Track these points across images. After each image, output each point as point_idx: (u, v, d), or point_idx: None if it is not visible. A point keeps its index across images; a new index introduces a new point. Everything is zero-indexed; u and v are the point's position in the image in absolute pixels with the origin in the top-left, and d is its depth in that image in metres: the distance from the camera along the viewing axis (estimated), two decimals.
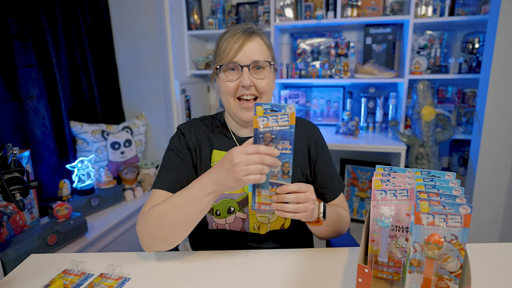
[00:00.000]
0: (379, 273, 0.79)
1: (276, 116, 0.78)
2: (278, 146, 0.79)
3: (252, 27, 0.97)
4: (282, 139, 0.79)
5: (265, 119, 0.79)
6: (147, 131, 2.42)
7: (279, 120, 0.78)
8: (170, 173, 0.99)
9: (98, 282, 0.85)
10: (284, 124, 0.79)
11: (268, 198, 0.83)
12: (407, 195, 0.74)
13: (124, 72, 2.38)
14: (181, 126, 1.07)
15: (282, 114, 0.78)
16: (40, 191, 1.88)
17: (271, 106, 0.79)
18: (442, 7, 2.25)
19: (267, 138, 0.79)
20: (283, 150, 0.80)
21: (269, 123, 0.79)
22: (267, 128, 0.79)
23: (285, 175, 0.82)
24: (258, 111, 0.79)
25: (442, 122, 2.29)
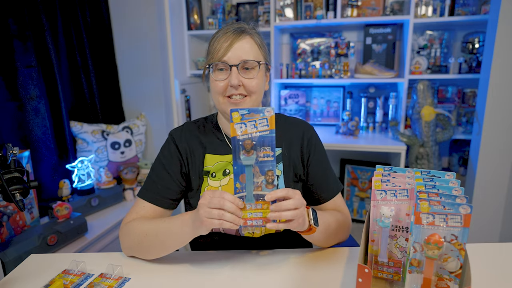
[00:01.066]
0: (379, 273, 0.79)
1: (254, 121, 0.74)
2: (259, 153, 0.75)
3: (243, 27, 0.97)
4: (263, 145, 0.75)
5: (242, 125, 0.74)
6: (147, 131, 2.42)
7: (258, 125, 0.74)
8: (154, 185, 1.01)
9: (98, 282, 0.85)
10: (263, 130, 0.75)
11: (254, 212, 0.77)
12: (407, 195, 0.74)
13: (124, 72, 2.38)
14: (172, 132, 1.07)
15: (260, 119, 0.74)
16: (40, 191, 1.89)
17: (248, 110, 0.74)
18: (442, 7, 2.25)
19: (247, 145, 0.75)
20: (265, 158, 0.76)
21: (248, 129, 0.75)
22: (246, 135, 0.75)
23: (269, 184, 0.77)
24: (235, 117, 0.74)
25: (442, 122, 2.29)
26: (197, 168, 1.01)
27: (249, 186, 0.77)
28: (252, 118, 0.74)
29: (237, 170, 0.77)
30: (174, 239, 0.88)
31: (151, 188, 1.00)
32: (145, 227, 0.92)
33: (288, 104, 2.77)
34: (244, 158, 0.76)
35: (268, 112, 0.74)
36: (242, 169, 0.76)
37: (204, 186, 1.00)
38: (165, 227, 0.90)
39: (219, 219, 0.75)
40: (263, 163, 0.76)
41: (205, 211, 0.76)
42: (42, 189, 1.91)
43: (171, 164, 1.01)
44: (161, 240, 0.89)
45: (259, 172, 0.77)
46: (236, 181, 0.78)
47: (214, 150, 1.02)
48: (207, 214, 0.75)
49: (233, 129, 0.75)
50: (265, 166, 0.76)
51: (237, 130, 0.75)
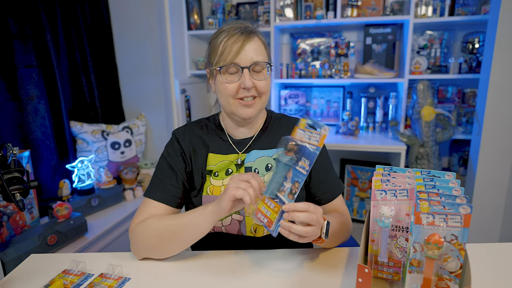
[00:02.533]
0: (379, 273, 0.79)
1: (311, 133, 0.78)
2: (299, 163, 0.78)
3: (249, 27, 0.96)
4: (304, 157, 0.77)
5: (302, 132, 0.79)
6: (147, 131, 2.42)
7: (311, 138, 0.78)
8: (162, 183, 1.00)
9: (98, 282, 0.85)
10: (313, 144, 0.77)
11: (267, 209, 0.80)
12: (407, 195, 0.74)
13: (124, 72, 2.38)
14: (175, 131, 1.07)
15: (316, 134, 0.77)
16: (40, 191, 1.89)
17: (312, 122, 0.79)
18: (442, 7, 2.25)
19: (291, 146, 0.79)
20: (301, 169, 0.77)
21: (303, 137, 0.79)
22: (299, 141, 0.79)
23: (291, 195, 0.78)
24: (301, 123, 0.80)
25: (442, 122, 2.29)
26: (200, 167, 1.01)
27: (277, 184, 0.80)
28: (310, 130, 0.79)
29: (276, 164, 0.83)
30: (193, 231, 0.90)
31: (159, 187, 0.99)
32: (166, 221, 0.92)
33: (288, 104, 2.77)
34: (281, 154, 0.81)
35: (324, 130, 0.76)
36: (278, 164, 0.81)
37: (206, 186, 1.00)
38: (186, 215, 0.91)
39: (244, 189, 0.78)
40: (298, 172, 0.78)
41: (234, 180, 0.81)
42: (42, 189, 1.91)
43: (176, 162, 1.01)
44: (181, 234, 0.90)
45: (290, 178, 0.79)
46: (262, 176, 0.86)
47: (217, 149, 1.03)
48: (236, 183, 0.80)
49: (295, 131, 0.81)
50: (297, 176, 0.78)
51: (297, 134, 0.80)
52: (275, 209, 0.78)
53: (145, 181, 2.28)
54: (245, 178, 0.80)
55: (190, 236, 0.91)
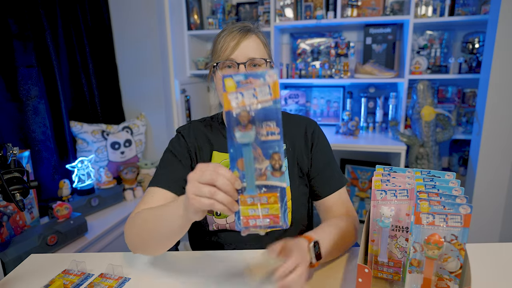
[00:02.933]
0: (379, 273, 0.79)
1: (253, 89, 0.59)
2: (261, 130, 0.59)
3: (249, 26, 0.97)
4: (266, 120, 0.59)
5: (238, 95, 0.59)
6: (147, 131, 2.42)
7: (258, 94, 0.59)
8: (167, 172, 0.98)
9: (98, 282, 0.85)
10: (265, 99, 0.59)
11: (258, 209, 0.61)
12: (407, 195, 0.74)
13: (124, 72, 2.38)
14: (180, 128, 1.07)
15: (261, 86, 0.59)
16: (40, 191, 1.89)
17: (245, 76, 0.59)
18: (442, 7, 2.25)
19: (243, 118, 0.59)
20: (269, 136, 0.59)
21: (245, 100, 0.59)
22: (243, 107, 0.59)
23: (276, 171, 0.60)
24: (228, 86, 0.59)
25: (442, 122, 2.29)
26: None
27: (250, 173, 0.60)
28: (250, 86, 0.59)
29: (234, 154, 0.60)
30: (169, 222, 0.76)
31: (163, 175, 0.97)
32: (146, 214, 0.84)
33: (288, 104, 2.77)
34: (240, 135, 0.59)
35: (270, 77, 0.58)
36: (240, 152, 0.60)
37: None
38: (162, 210, 0.81)
39: (209, 197, 0.60)
40: (267, 143, 0.59)
41: (193, 186, 0.62)
42: (42, 189, 1.91)
43: (182, 155, 1.00)
44: (158, 224, 0.80)
45: (262, 155, 0.60)
46: (233, 168, 0.61)
47: (221, 148, 1.03)
48: (196, 190, 0.61)
49: (226, 100, 0.59)
50: (269, 147, 0.60)
51: (231, 101, 0.59)
52: (271, 199, 0.61)
53: (145, 181, 2.28)
54: (207, 178, 0.61)
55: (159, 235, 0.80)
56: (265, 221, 0.61)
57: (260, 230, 0.63)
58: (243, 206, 0.61)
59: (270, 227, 0.62)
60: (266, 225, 0.61)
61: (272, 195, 0.60)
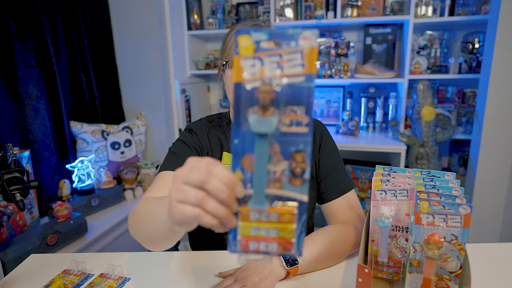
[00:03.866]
0: (379, 273, 0.79)
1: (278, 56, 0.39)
2: (283, 117, 0.40)
3: (260, 23, 0.96)
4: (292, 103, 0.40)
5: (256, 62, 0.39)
6: (147, 131, 2.42)
7: (284, 64, 0.39)
8: (178, 157, 0.94)
9: (98, 282, 0.85)
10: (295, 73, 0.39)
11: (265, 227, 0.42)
12: (407, 195, 0.74)
13: (124, 72, 2.38)
14: (191, 125, 1.05)
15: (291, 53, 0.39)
16: (40, 191, 1.89)
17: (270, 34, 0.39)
18: (442, 7, 2.25)
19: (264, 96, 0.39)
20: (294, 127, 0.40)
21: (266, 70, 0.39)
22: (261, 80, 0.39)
23: (296, 178, 0.41)
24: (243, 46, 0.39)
25: (442, 122, 2.29)
26: None
27: (261, 177, 0.41)
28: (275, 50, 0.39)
29: (239, 146, 0.41)
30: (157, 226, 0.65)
31: (174, 160, 0.93)
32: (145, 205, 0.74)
33: None
34: (255, 119, 0.40)
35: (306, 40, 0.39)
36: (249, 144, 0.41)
37: None
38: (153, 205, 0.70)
39: (197, 205, 0.42)
40: (290, 137, 0.40)
41: (177, 188, 0.43)
42: (42, 189, 1.91)
43: (194, 148, 0.98)
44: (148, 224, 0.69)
45: (279, 153, 0.41)
46: (236, 167, 0.42)
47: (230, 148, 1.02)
48: (179, 194, 0.43)
49: (237, 68, 0.40)
50: (291, 142, 0.40)
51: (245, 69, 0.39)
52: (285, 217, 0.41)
53: (145, 181, 2.28)
54: (196, 179, 0.42)
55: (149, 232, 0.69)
56: (272, 246, 0.42)
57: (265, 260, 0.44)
58: (243, 222, 0.42)
59: (279, 255, 0.44)
60: (273, 251, 0.42)
61: (287, 212, 0.41)
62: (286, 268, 0.80)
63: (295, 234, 0.42)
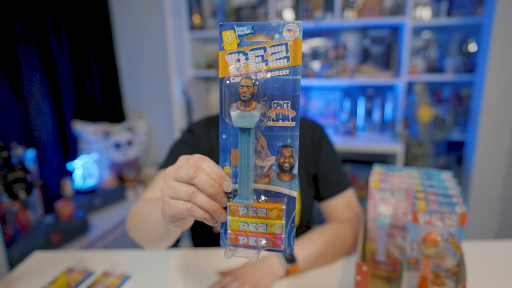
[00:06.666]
0: (377, 271, 0.80)
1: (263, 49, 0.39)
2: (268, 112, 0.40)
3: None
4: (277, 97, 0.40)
5: (241, 56, 0.40)
6: (149, 131, 2.42)
7: (269, 57, 0.39)
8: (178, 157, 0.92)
9: (100, 280, 0.87)
10: (280, 66, 0.39)
11: (253, 222, 0.43)
12: (404, 194, 0.75)
13: (126, 73, 2.39)
14: (192, 125, 1.05)
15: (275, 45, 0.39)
16: (43, 190, 1.89)
17: (253, 27, 0.39)
18: (438, 9, 2.28)
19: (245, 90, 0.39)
20: (280, 122, 0.40)
21: (250, 64, 0.40)
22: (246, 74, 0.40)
23: (285, 173, 0.41)
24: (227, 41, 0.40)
25: (439, 123, 2.31)
26: None
27: (246, 172, 0.41)
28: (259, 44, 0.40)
29: (227, 142, 0.43)
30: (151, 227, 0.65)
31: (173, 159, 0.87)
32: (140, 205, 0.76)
33: None
34: (237, 114, 0.40)
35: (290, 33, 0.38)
36: (235, 140, 0.42)
37: None
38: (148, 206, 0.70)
39: (187, 200, 0.43)
40: (276, 131, 0.41)
41: (168, 185, 0.45)
42: (45, 188, 1.91)
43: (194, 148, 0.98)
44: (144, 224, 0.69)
45: (266, 148, 0.42)
46: (224, 162, 0.43)
47: None
48: (170, 191, 0.45)
49: (222, 62, 0.40)
50: (279, 137, 0.41)
51: (230, 64, 0.40)
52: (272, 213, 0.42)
53: (146, 181, 2.29)
54: (184, 174, 0.43)
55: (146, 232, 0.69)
56: (260, 241, 0.43)
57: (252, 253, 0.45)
58: (232, 217, 0.43)
59: (267, 250, 0.44)
60: (262, 246, 0.43)
61: (275, 207, 0.42)
62: (285, 266, 0.82)
63: (284, 230, 0.42)
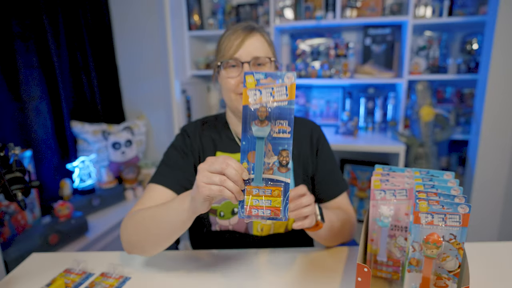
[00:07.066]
0: (378, 272, 0.80)
1: (271, 88, 0.63)
2: (274, 127, 0.63)
3: (253, 25, 0.98)
4: (279, 119, 0.63)
5: (257, 92, 0.63)
6: (148, 131, 2.42)
7: (275, 93, 0.63)
8: (170, 170, 0.98)
9: (99, 281, 0.86)
10: (281, 99, 0.63)
11: (262, 199, 0.64)
12: (406, 194, 0.74)
13: (125, 72, 2.39)
14: (186, 127, 1.07)
15: (279, 86, 0.63)
16: (41, 191, 1.89)
17: (265, 75, 0.63)
18: (440, 8, 2.26)
19: (262, 113, 0.63)
20: (280, 134, 0.63)
21: (263, 97, 0.63)
22: (260, 104, 0.63)
23: (283, 167, 0.64)
24: (249, 82, 0.63)
25: (441, 122, 2.29)
26: None
27: (259, 166, 0.64)
28: (268, 85, 0.63)
29: (246, 146, 0.64)
30: (172, 217, 0.78)
31: (165, 173, 0.97)
32: (145, 212, 0.85)
33: None
34: (256, 129, 0.63)
35: (288, 79, 0.62)
36: (252, 145, 0.64)
37: None
38: (164, 206, 0.82)
39: (219, 185, 0.64)
40: (278, 140, 0.63)
41: (203, 175, 0.65)
42: (43, 189, 1.91)
43: (186, 153, 1.01)
44: (159, 220, 0.81)
45: (271, 151, 0.64)
46: (243, 159, 0.65)
47: (225, 148, 1.03)
48: (206, 179, 0.65)
49: (245, 96, 0.63)
50: (279, 144, 0.63)
51: (250, 97, 0.63)
52: (275, 193, 0.64)
53: (145, 181, 2.29)
54: (217, 168, 0.64)
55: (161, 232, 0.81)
56: (266, 212, 0.65)
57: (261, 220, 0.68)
58: (248, 196, 0.65)
59: (271, 219, 0.65)
60: (267, 216, 0.65)
61: (276, 189, 0.64)
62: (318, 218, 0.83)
63: (282, 204, 0.64)
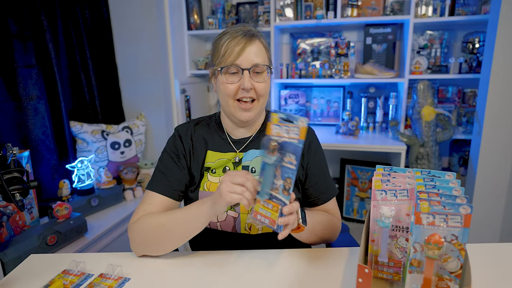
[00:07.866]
0: (379, 273, 0.79)
1: (288, 127, 0.78)
2: (284, 159, 0.78)
3: (252, 30, 0.99)
4: (289, 152, 0.78)
5: (277, 128, 0.79)
6: (147, 131, 2.42)
7: (290, 132, 0.78)
8: (164, 177, 1.02)
9: (98, 282, 0.85)
10: (293, 137, 0.78)
11: (265, 210, 0.80)
12: (407, 195, 0.74)
13: (124, 72, 2.38)
14: (178, 127, 1.10)
15: (293, 127, 0.78)
16: (40, 191, 1.88)
17: (286, 116, 0.79)
18: (442, 7, 2.25)
19: (271, 146, 0.79)
20: (288, 164, 0.78)
21: (280, 132, 0.78)
22: (278, 137, 0.79)
23: (285, 191, 0.79)
24: (274, 118, 0.79)
25: (442, 122, 2.29)
26: (199, 164, 1.04)
27: (266, 183, 0.80)
28: (286, 124, 0.78)
29: (262, 166, 0.81)
30: (193, 222, 0.90)
31: (161, 180, 1.02)
32: (161, 219, 0.93)
33: (288, 104, 2.77)
34: (265, 156, 0.80)
35: (301, 123, 0.77)
36: (265, 166, 0.80)
37: (203, 182, 1.03)
38: (182, 212, 0.92)
39: (240, 194, 0.78)
40: (285, 168, 0.78)
41: (227, 185, 0.79)
42: (42, 189, 1.91)
43: (178, 157, 1.04)
44: (181, 227, 0.91)
45: (280, 175, 0.79)
46: (261, 175, 0.81)
47: (216, 147, 1.06)
48: (230, 188, 0.79)
49: (269, 128, 0.80)
50: (286, 172, 0.79)
51: (273, 129, 0.79)
52: (274, 208, 0.79)
53: (145, 181, 2.28)
54: (239, 181, 0.79)
55: (183, 234, 0.93)
56: (266, 220, 0.79)
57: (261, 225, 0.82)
58: (257, 204, 0.80)
59: (268, 227, 0.79)
60: (266, 224, 0.79)
61: (276, 206, 0.79)
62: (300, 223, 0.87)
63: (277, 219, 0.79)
